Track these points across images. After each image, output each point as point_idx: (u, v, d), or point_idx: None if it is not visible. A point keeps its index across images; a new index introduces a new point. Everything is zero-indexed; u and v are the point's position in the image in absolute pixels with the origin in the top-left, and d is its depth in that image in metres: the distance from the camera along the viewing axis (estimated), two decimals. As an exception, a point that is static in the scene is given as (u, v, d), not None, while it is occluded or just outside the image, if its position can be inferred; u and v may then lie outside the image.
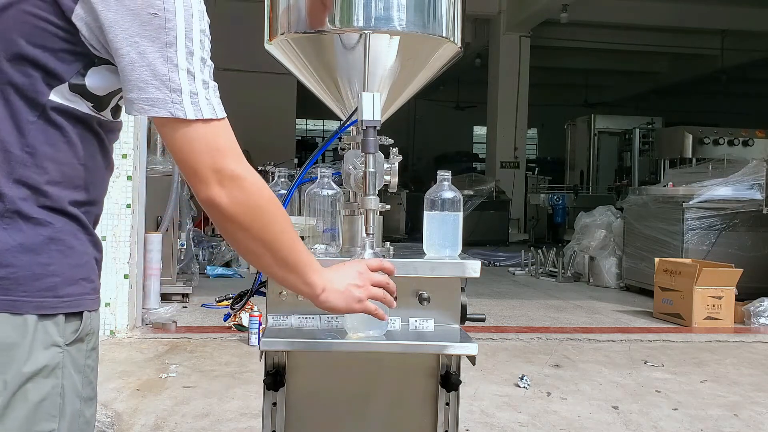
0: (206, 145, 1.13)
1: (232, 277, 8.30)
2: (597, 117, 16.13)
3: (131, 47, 1.09)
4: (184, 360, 4.69)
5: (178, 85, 1.11)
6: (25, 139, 1.12)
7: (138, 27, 1.09)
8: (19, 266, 1.11)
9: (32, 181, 1.12)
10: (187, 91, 1.11)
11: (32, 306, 1.12)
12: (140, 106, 1.11)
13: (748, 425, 3.83)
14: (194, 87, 1.12)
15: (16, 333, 1.10)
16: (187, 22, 1.12)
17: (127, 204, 5.12)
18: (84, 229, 1.18)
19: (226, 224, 1.20)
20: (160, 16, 1.10)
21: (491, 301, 7.32)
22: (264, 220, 1.21)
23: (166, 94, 1.10)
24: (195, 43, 1.13)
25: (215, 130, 1.14)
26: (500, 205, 13.90)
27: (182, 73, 1.11)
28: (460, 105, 21.91)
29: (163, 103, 1.10)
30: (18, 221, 1.11)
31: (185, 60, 1.11)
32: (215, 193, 1.15)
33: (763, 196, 7.27)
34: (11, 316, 1.10)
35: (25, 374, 1.11)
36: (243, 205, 1.17)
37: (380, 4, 1.68)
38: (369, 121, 1.59)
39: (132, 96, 1.11)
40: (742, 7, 14.07)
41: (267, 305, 1.70)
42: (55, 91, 1.12)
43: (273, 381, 1.78)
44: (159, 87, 1.10)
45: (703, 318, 6.30)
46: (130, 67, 1.10)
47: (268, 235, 1.23)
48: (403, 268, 1.66)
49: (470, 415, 3.76)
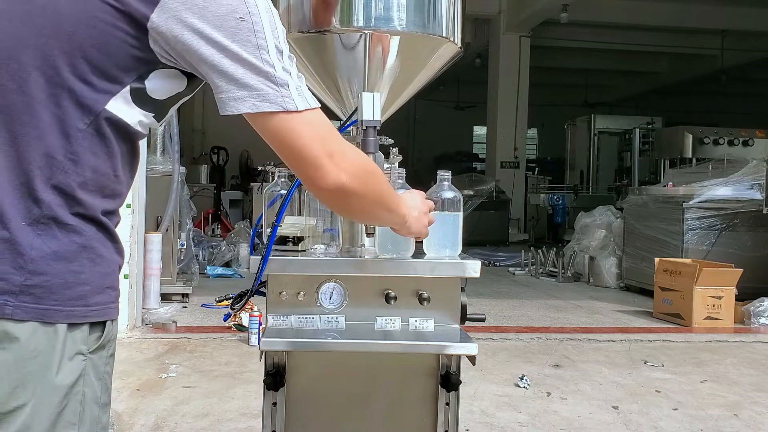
0: (316, 133, 1.19)
1: (232, 277, 8.29)
2: (597, 117, 16.14)
3: (225, 51, 1.12)
4: (184, 360, 4.69)
5: (283, 80, 1.15)
6: (70, 146, 1.12)
7: (226, 33, 1.11)
8: (52, 274, 1.11)
9: (69, 188, 1.12)
10: (294, 86, 1.16)
11: (62, 315, 1.12)
12: (252, 103, 1.13)
13: (748, 425, 3.83)
14: (293, 81, 1.16)
15: (48, 342, 1.10)
16: (271, 23, 1.15)
17: (127, 204, 5.11)
18: (111, 237, 1.19)
19: (349, 199, 1.27)
20: (246, 20, 1.12)
21: (491, 301, 7.32)
22: (373, 181, 1.32)
23: (275, 89, 1.14)
24: (281, 41, 1.17)
25: (318, 117, 1.20)
26: (500, 205, 13.89)
27: (280, 71, 1.15)
28: (460, 105, 21.90)
29: (275, 97, 1.14)
30: (53, 228, 1.11)
31: (277, 58, 1.15)
32: (337, 175, 1.21)
33: (763, 196, 7.27)
34: (42, 325, 1.10)
35: (56, 384, 1.11)
36: (358, 178, 1.24)
37: (380, 4, 1.68)
38: (369, 121, 1.59)
39: (240, 94, 1.13)
40: (742, 7, 14.06)
41: (267, 305, 1.70)
42: (114, 100, 1.13)
43: (273, 381, 1.77)
44: (267, 83, 1.13)
45: (703, 318, 6.29)
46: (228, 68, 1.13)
47: (377, 194, 1.35)
48: (403, 268, 1.66)
49: (470, 415, 3.76)
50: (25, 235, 1.09)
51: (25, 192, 1.10)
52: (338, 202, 1.30)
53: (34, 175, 1.10)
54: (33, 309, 1.09)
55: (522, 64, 14.85)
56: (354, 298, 1.70)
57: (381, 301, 1.69)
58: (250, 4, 1.13)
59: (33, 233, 1.10)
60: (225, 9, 1.11)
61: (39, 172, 1.11)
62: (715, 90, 18.80)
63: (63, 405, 1.12)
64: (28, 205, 1.10)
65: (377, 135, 1.65)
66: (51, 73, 1.10)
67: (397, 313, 1.67)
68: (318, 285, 1.69)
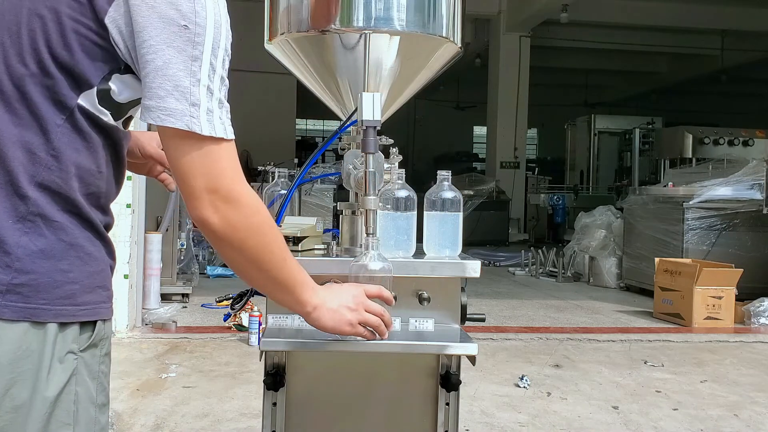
0: (210, 164, 1.13)
1: (232, 277, 8.28)
2: (597, 117, 16.16)
3: (157, 54, 1.09)
4: (184, 360, 4.69)
5: (198, 99, 1.11)
6: (50, 143, 1.11)
7: (167, 36, 1.09)
8: (40, 273, 1.10)
9: (55, 185, 1.11)
10: (204, 108, 1.11)
11: (51, 314, 1.11)
12: (157, 115, 1.10)
13: (748, 425, 3.83)
14: (211, 104, 1.12)
15: (39, 342, 1.10)
16: (215, 39, 1.13)
17: (127, 204, 5.12)
18: (100, 236, 1.18)
19: (218, 243, 1.20)
20: (190, 30, 1.10)
21: (491, 301, 7.32)
22: (257, 242, 1.21)
23: (186, 107, 1.10)
24: (218, 61, 1.13)
25: (221, 150, 1.14)
26: (500, 205, 13.90)
27: (203, 89, 1.11)
28: (460, 105, 21.91)
29: (181, 114, 1.10)
30: (40, 225, 1.11)
31: (207, 76, 1.12)
32: (207, 213, 1.15)
33: (763, 196, 7.27)
34: (32, 325, 1.09)
35: (48, 384, 1.10)
36: (234, 227, 1.17)
37: (380, 4, 1.68)
38: (369, 121, 1.59)
39: (151, 103, 1.11)
40: (742, 7, 14.07)
41: (267, 305, 1.70)
42: (84, 96, 1.12)
43: (273, 381, 1.77)
44: (179, 98, 1.10)
45: (703, 318, 6.30)
46: (153, 74, 1.10)
47: (260, 255, 1.23)
48: (403, 268, 1.66)
49: (470, 415, 3.76)
50: (11, 233, 1.08)
51: (10, 190, 1.10)
52: (211, 241, 1.22)
53: (17, 173, 1.10)
54: (21, 308, 1.09)
55: (522, 64, 14.86)
56: (354, 298, 1.69)
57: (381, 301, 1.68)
58: (199, 15, 1.11)
59: (19, 231, 1.09)
60: (173, 13, 1.10)
61: (23, 170, 1.10)
62: (715, 90, 18.82)
63: (56, 405, 1.11)
64: (14, 203, 1.10)
65: (377, 135, 1.64)
66: (23, 71, 1.10)
67: (397, 313, 1.67)
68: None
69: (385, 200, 1.70)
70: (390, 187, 1.72)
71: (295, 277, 1.32)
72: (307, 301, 1.35)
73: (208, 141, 1.12)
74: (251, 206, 1.19)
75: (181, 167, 1.14)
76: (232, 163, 1.16)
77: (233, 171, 1.16)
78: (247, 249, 1.21)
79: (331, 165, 10.50)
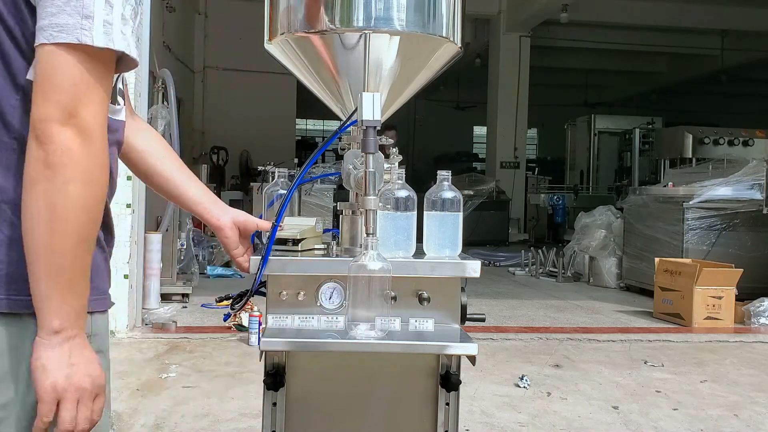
0: (93, 79, 1.02)
1: (232, 277, 8.29)
2: (597, 117, 16.16)
3: None
4: (183, 360, 4.69)
5: (91, 12, 1.02)
6: (10, 125, 1.06)
7: None
8: (6, 262, 1.05)
9: (21, 170, 1.04)
10: (100, 19, 1.02)
11: (24, 305, 1.05)
12: (49, 33, 1.01)
13: (748, 425, 3.83)
14: (110, 17, 1.03)
15: (17, 335, 1.06)
16: None
17: (127, 204, 5.12)
18: None
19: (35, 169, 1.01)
20: None
21: (491, 301, 7.32)
22: (79, 193, 1.02)
23: (77, 20, 1.01)
24: None
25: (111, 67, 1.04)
26: (500, 205, 13.90)
27: (99, 1, 1.03)
28: (460, 105, 21.93)
29: (72, 28, 1.01)
30: (6, 212, 1.06)
31: None
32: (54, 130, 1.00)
33: (763, 196, 7.27)
34: (4, 316, 1.05)
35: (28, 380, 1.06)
36: (71, 161, 1.00)
37: (380, 4, 1.68)
38: (369, 121, 1.59)
39: (43, 23, 1.02)
40: (742, 7, 14.07)
41: (267, 305, 1.70)
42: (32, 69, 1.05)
43: (273, 381, 1.77)
44: (71, 13, 1.01)
45: (703, 318, 6.30)
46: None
47: (67, 214, 1.02)
48: (403, 268, 1.66)
49: (470, 415, 3.76)
50: None
51: None
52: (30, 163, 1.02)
53: None
54: None
55: (522, 64, 14.86)
56: (354, 298, 1.69)
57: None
58: None
59: None
60: None
61: None
62: (715, 90, 18.83)
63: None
64: None
65: (377, 135, 1.64)
66: None
67: (397, 313, 1.67)
68: (318, 285, 1.69)
69: (385, 200, 1.70)
70: (390, 187, 1.72)
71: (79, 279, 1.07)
72: (66, 318, 1.05)
73: (106, 53, 1.03)
74: (98, 155, 1.04)
75: (52, 73, 1.02)
76: (108, 92, 1.05)
77: (102, 104, 1.04)
78: (63, 195, 1.01)
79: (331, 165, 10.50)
